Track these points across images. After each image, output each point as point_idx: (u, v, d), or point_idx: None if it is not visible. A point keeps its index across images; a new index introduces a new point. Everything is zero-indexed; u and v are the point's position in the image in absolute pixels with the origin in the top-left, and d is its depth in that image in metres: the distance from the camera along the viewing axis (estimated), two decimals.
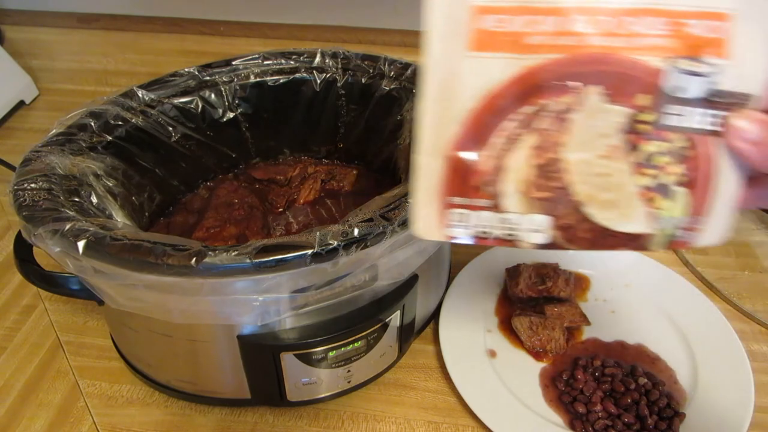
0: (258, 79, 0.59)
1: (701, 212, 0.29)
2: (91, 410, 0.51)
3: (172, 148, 0.57)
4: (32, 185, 0.43)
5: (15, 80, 0.91)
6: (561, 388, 0.51)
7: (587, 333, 0.56)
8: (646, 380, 0.50)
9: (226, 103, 0.59)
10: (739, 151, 0.28)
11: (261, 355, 0.45)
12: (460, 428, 0.50)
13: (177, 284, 0.37)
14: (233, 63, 0.59)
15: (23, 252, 0.45)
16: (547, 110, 0.28)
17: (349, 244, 0.37)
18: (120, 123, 0.53)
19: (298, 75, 0.60)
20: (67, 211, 0.41)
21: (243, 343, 0.44)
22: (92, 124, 0.51)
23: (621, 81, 0.27)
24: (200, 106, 0.57)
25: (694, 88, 0.27)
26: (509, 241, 0.29)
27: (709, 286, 0.62)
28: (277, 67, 0.60)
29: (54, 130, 0.50)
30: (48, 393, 0.53)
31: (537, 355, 0.54)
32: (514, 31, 0.27)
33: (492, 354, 0.54)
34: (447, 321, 0.56)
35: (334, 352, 0.45)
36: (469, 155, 0.28)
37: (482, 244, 0.30)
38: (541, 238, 0.29)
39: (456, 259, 0.62)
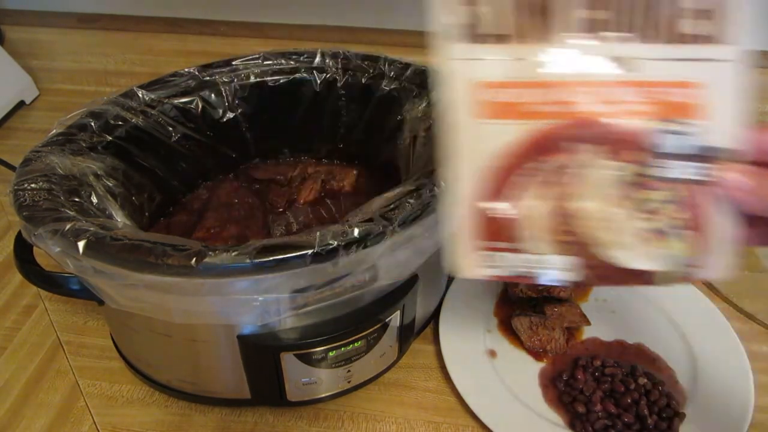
0: (258, 80, 0.59)
1: (702, 251, 0.33)
2: (91, 410, 0.51)
3: (172, 148, 0.57)
4: (32, 185, 0.43)
5: (15, 80, 0.91)
6: (561, 388, 0.51)
7: (587, 333, 0.56)
8: (645, 380, 0.50)
9: (226, 104, 0.59)
10: (738, 200, 0.32)
11: (261, 355, 0.45)
12: (460, 428, 0.50)
13: (177, 284, 0.37)
14: (233, 63, 0.59)
15: (23, 252, 0.45)
16: (561, 166, 0.32)
17: (349, 244, 0.37)
18: (120, 123, 0.53)
19: (298, 75, 0.60)
20: (67, 211, 0.41)
21: (243, 343, 0.44)
22: (92, 124, 0.51)
23: (619, 141, 0.32)
24: (200, 106, 0.57)
25: (681, 145, 0.32)
26: (533, 278, 0.33)
27: (708, 286, 0.61)
28: (278, 67, 0.60)
29: (54, 130, 0.50)
30: (48, 393, 0.53)
31: (537, 355, 0.54)
32: (522, 101, 0.31)
33: (492, 354, 0.54)
34: (447, 321, 0.56)
35: (334, 352, 0.45)
36: (494, 206, 0.32)
37: (508, 281, 0.34)
38: (561, 276, 0.33)
39: None
